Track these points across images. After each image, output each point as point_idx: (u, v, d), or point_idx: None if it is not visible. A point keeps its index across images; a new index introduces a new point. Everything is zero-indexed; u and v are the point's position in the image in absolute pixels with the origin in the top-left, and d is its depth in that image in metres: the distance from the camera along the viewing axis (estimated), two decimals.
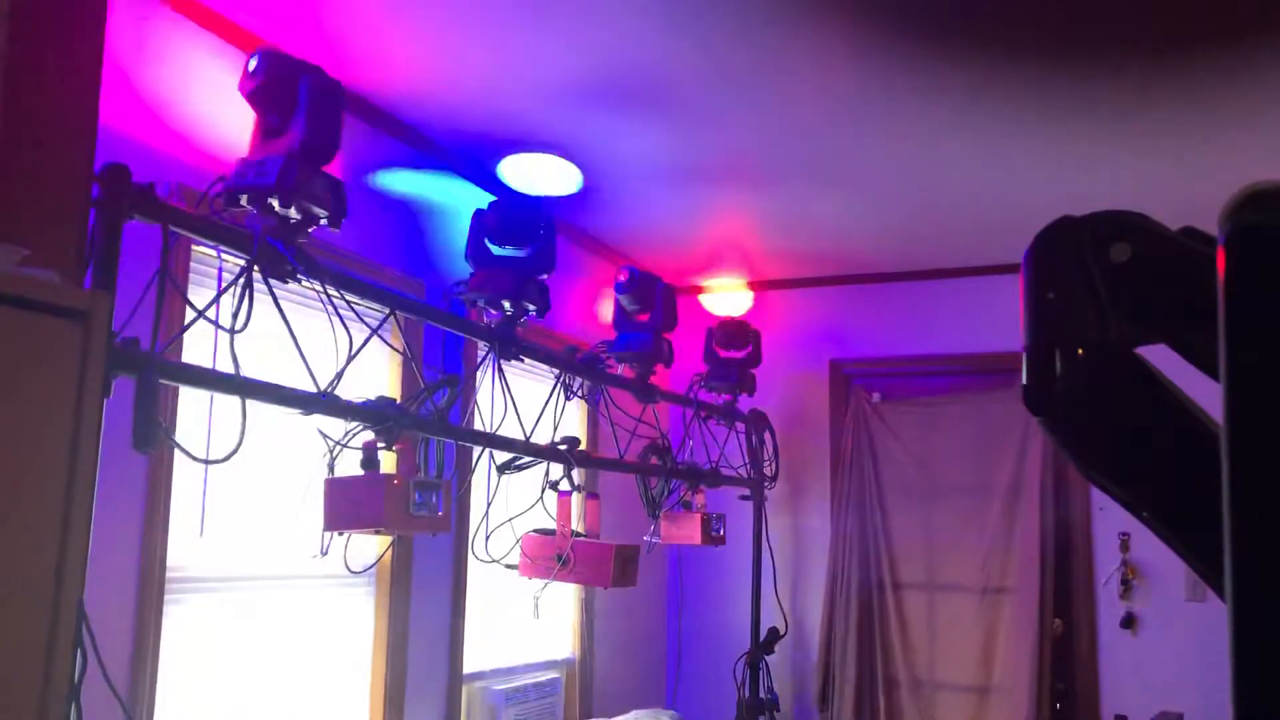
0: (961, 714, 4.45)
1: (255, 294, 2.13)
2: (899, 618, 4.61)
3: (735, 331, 4.31)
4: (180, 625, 2.58)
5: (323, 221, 2.24)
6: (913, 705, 4.53)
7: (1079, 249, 0.78)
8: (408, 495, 2.45)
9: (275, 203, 2.14)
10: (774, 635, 4.54)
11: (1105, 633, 4.32)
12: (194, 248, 2.61)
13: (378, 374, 3.28)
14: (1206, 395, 0.80)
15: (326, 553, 2.46)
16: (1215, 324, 0.74)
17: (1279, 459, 0.48)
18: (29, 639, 0.99)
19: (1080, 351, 0.79)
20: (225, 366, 2.09)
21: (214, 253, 2.58)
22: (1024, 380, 0.81)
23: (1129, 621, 4.28)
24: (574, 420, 4.24)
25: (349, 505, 2.39)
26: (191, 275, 2.63)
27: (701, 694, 4.72)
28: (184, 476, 2.55)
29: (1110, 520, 4.35)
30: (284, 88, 2.17)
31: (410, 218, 3.45)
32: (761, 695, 4.43)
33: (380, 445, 2.49)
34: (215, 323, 2.12)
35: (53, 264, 1.29)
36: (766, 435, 4.68)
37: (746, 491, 4.57)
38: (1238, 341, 0.49)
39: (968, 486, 4.58)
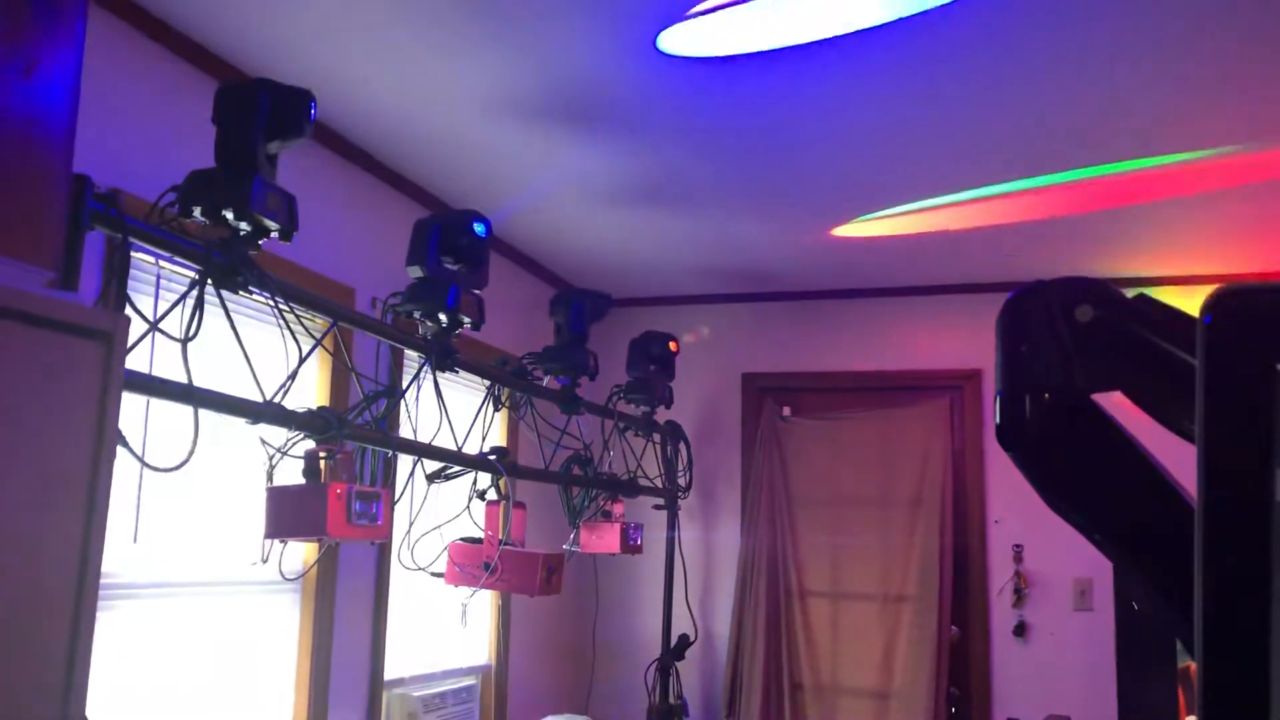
0: (863, 717, 4.63)
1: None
2: (804, 625, 4.78)
3: (658, 344, 4.41)
4: (111, 631, 2.57)
5: (274, 234, 2.28)
6: (816, 709, 4.70)
7: (1048, 309, 0.91)
8: (349, 504, 2.49)
9: (229, 214, 2.17)
10: (684, 642, 4.66)
11: (998, 639, 4.56)
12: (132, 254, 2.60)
13: (309, 384, 3.30)
14: (1149, 433, 0.93)
15: (267, 560, 2.49)
16: (1161, 375, 0.88)
17: (1242, 516, 0.60)
18: (53, 645, 1.03)
19: (1046, 396, 0.91)
20: (164, 375, 2.12)
21: (151, 259, 2.60)
22: (997, 420, 0.93)
23: (1021, 629, 4.53)
24: (497, 431, 4.30)
25: (292, 514, 2.42)
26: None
27: (615, 699, 4.81)
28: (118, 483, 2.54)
29: (1005, 533, 4.60)
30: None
31: (342, 228, 3.47)
32: (671, 700, 4.54)
33: (323, 455, 2.53)
34: (166, 333, 2.14)
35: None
36: (681, 446, 4.80)
37: (661, 501, 4.69)
38: (1214, 409, 0.61)
39: (872, 499, 4.78)
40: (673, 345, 4.45)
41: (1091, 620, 4.38)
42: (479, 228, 3.06)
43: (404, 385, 3.15)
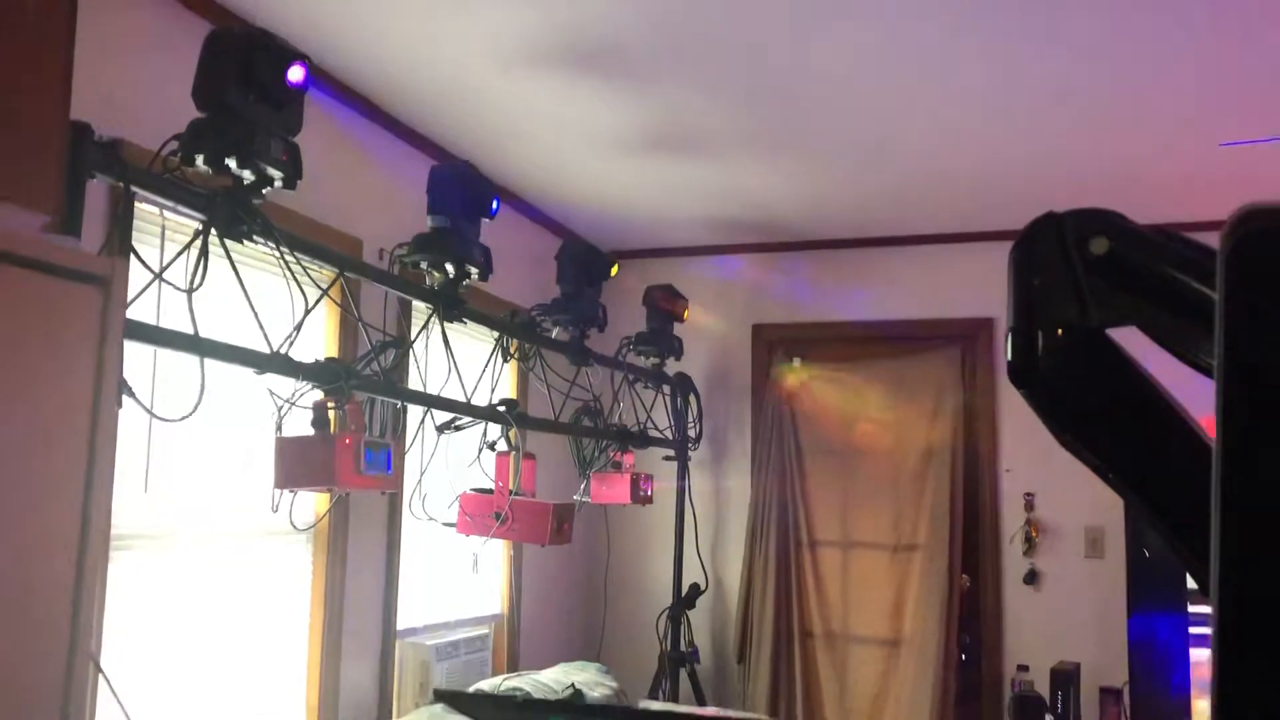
0: (873, 665, 4.66)
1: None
2: (815, 574, 4.79)
3: (671, 296, 4.40)
4: (127, 580, 2.58)
5: (278, 183, 2.26)
6: (827, 657, 4.72)
7: (1062, 242, 0.88)
8: (359, 454, 2.49)
9: (233, 163, 2.15)
10: (695, 591, 4.69)
11: (1009, 588, 4.57)
12: (136, 204, 2.58)
13: (316, 334, 3.29)
14: (1165, 371, 0.91)
15: (277, 510, 2.49)
16: (1179, 308, 0.85)
17: (1266, 444, 0.59)
18: (57, 587, 1.03)
19: (1060, 332, 0.89)
20: (171, 325, 2.11)
21: (155, 210, 2.58)
22: (1008, 357, 0.91)
23: (1032, 577, 4.53)
24: (507, 383, 4.29)
25: (302, 463, 2.43)
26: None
27: (626, 647, 4.85)
28: (127, 434, 2.55)
29: (1016, 481, 4.59)
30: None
31: (349, 178, 3.44)
32: (682, 648, 4.58)
33: (331, 405, 2.53)
34: (171, 283, 2.13)
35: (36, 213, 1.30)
36: (691, 398, 4.79)
37: (671, 452, 4.69)
38: (1237, 342, 0.59)
39: (883, 449, 4.77)
40: (685, 311, 4.45)
41: (1102, 568, 4.38)
42: (482, 178, 3.04)
43: (412, 336, 3.14)
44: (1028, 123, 3.46)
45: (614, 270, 3.81)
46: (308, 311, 2.43)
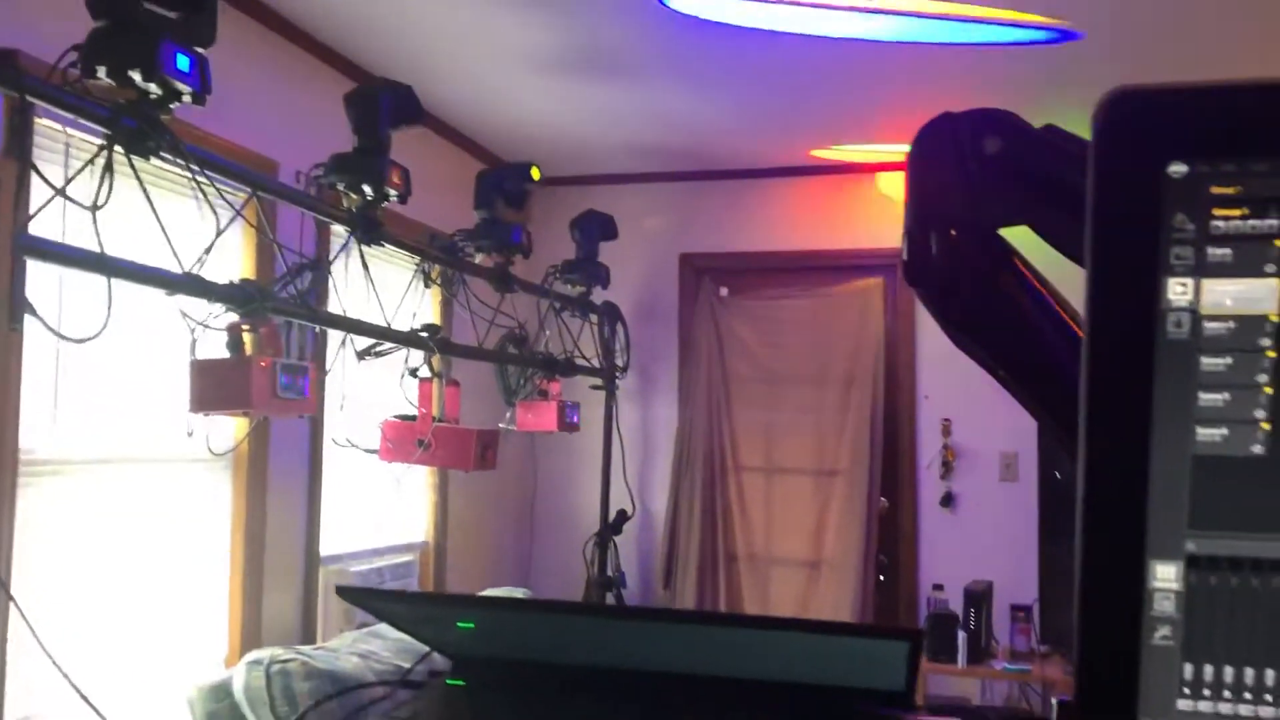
0: (795, 586, 4.77)
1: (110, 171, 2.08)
2: (740, 499, 4.88)
3: (599, 223, 4.37)
4: (39, 507, 2.53)
5: (186, 99, 2.19)
6: (750, 579, 4.83)
7: (957, 142, 0.89)
8: (275, 378, 2.46)
9: (137, 76, 2.08)
10: (622, 517, 4.74)
11: (926, 510, 4.69)
12: (37, 121, 2.49)
13: (232, 258, 3.22)
14: (1053, 270, 0.94)
15: (192, 434, 2.46)
16: (1067, 206, 0.87)
17: (1128, 327, 0.61)
18: None
19: (953, 232, 0.91)
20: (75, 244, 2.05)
21: (60, 127, 2.49)
22: (904, 256, 0.93)
23: (948, 500, 4.66)
24: (431, 308, 4.25)
25: (216, 387, 2.39)
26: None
27: (554, 573, 4.90)
28: (35, 358, 2.49)
29: (934, 408, 4.69)
30: None
31: (265, 99, 3.35)
32: (609, 573, 4.64)
33: (245, 328, 2.48)
34: (74, 200, 2.06)
35: None
36: (619, 327, 4.80)
37: (599, 381, 4.70)
38: (1101, 226, 0.61)
39: (806, 377, 4.84)
40: (615, 223, 4.42)
41: (1016, 491, 4.52)
42: (407, 99, 2.98)
43: (330, 260, 3.08)
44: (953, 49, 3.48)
45: (535, 174, 3.73)
46: (220, 232, 2.37)
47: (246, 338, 2.50)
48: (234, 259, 3.23)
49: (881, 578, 4.72)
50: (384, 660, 2.95)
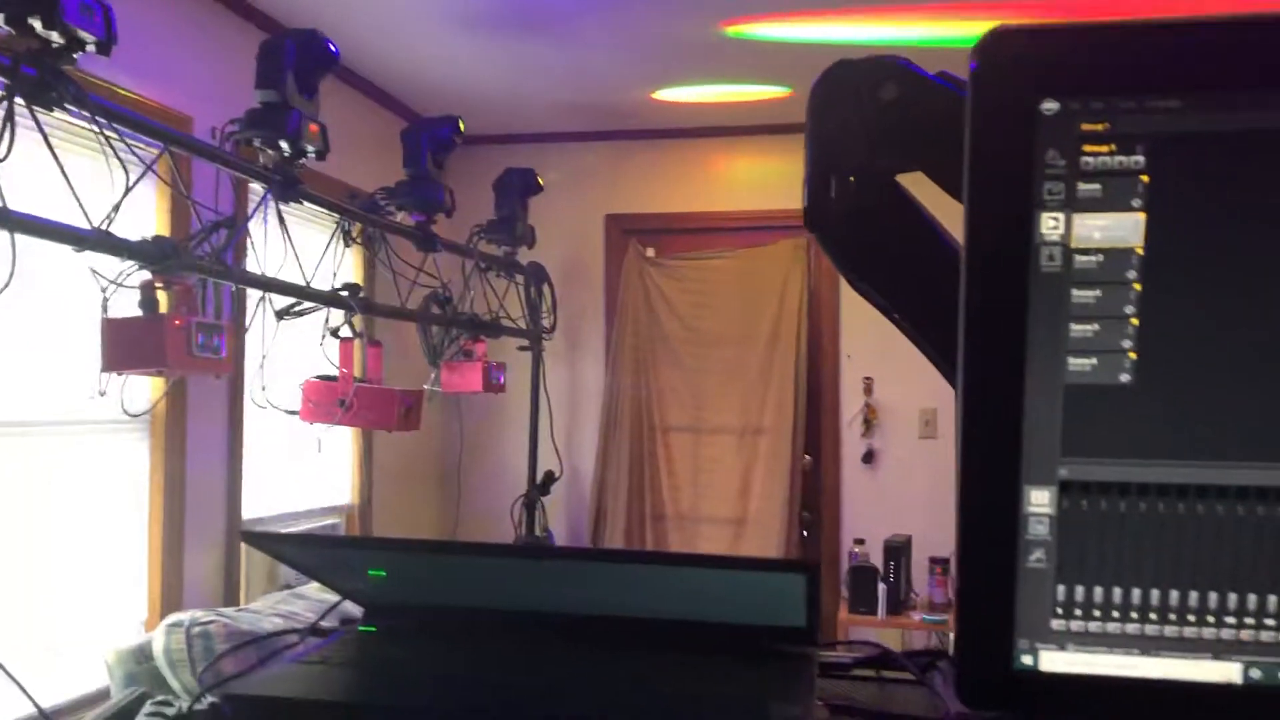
0: (721, 544, 4.84)
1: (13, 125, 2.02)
2: (667, 458, 4.93)
3: (522, 179, 4.33)
4: None
5: (90, 48, 2.13)
6: (677, 537, 4.88)
7: (854, 89, 0.91)
8: (190, 336, 2.41)
9: (38, 24, 2.01)
10: (550, 478, 4.74)
11: (848, 467, 4.79)
12: None
13: (146, 215, 3.15)
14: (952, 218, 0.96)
15: (104, 394, 2.41)
16: (958, 152, 0.90)
17: (1003, 260, 0.63)
18: None
19: (851, 179, 0.93)
20: None
21: None
22: (804, 202, 0.95)
23: (869, 457, 4.75)
24: (352, 268, 4.20)
25: (129, 346, 2.34)
26: None
27: (481, 534, 4.90)
28: None
29: (856, 367, 4.77)
30: None
31: (179, 53, 3.26)
32: (537, 533, 4.65)
33: (158, 285, 2.43)
34: None
35: None
36: (545, 288, 4.78)
37: (525, 342, 4.69)
38: (978, 155, 0.63)
39: (732, 336, 4.88)
40: (539, 180, 4.37)
41: (935, 447, 4.62)
42: (324, 52, 2.93)
43: (247, 217, 3.03)
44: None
45: (461, 126, 3.68)
46: (129, 188, 2.31)
47: (160, 296, 2.45)
48: (148, 217, 3.16)
49: (805, 533, 4.80)
50: (307, 621, 2.93)
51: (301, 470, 3.97)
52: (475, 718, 0.76)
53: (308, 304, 3.11)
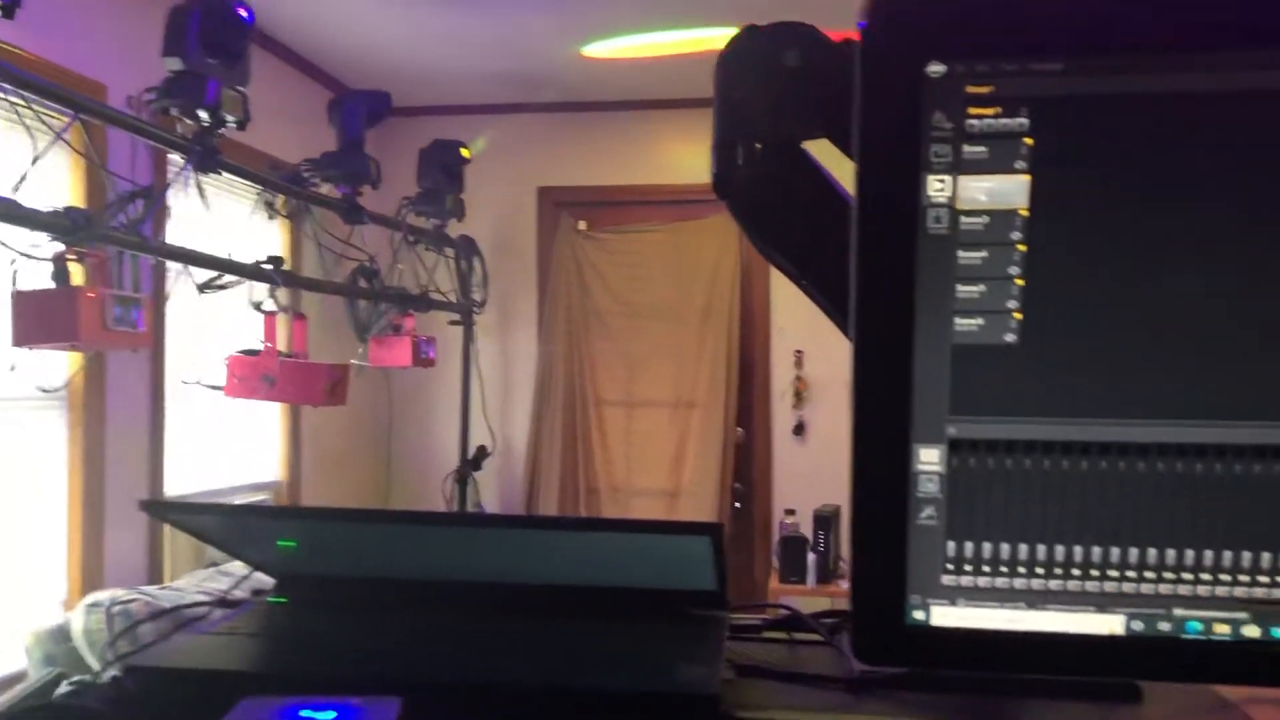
0: (654, 515, 4.86)
1: None
2: (600, 432, 4.93)
3: (449, 152, 4.28)
4: None
5: None
6: (611, 511, 4.90)
7: (761, 55, 0.91)
8: (105, 309, 2.36)
9: None
10: (482, 453, 4.72)
11: (779, 439, 4.84)
12: None
13: (59, 186, 3.06)
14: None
15: (14, 369, 2.35)
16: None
17: (892, 222, 0.64)
18: None
19: (758, 146, 0.93)
20: None
21: None
22: (713, 169, 0.95)
23: (799, 429, 4.81)
24: (277, 241, 4.13)
25: (41, 319, 2.29)
26: None
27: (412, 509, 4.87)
28: None
29: (787, 340, 4.81)
30: None
31: (94, 22, 3.17)
32: (469, 509, 4.64)
33: (70, 257, 2.37)
34: None
35: None
36: (475, 261, 4.75)
37: (456, 316, 4.66)
38: (866, 124, 0.63)
39: (665, 310, 4.89)
40: (464, 152, 4.32)
41: None
42: (240, 19, 2.86)
43: (166, 189, 2.96)
44: None
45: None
46: (37, 157, 2.26)
47: (73, 268, 2.39)
48: (62, 188, 3.07)
49: (737, 504, 4.85)
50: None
51: (228, 447, 3.91)
52: (378, 686, 0.76)
53: (230, 277, 3.05)
